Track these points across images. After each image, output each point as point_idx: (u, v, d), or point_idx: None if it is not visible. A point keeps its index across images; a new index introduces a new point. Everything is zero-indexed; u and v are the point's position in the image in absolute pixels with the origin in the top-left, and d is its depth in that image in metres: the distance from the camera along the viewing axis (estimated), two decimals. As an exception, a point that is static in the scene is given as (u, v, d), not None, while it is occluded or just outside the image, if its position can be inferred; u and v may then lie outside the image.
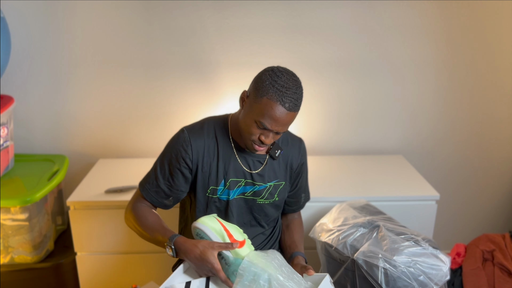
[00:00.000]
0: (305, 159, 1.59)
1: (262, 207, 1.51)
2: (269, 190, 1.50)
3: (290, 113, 1.30)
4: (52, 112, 2.27)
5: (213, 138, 1.44)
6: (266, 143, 1.35)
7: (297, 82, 1.33)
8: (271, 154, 1.48)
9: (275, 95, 1.27)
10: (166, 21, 2.14)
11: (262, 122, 1.30)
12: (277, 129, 1.32)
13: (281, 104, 1.27)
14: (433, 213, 2.01)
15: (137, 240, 1.99)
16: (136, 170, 2.22)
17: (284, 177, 1.52)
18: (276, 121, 1.29)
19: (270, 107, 1.28)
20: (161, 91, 2.26)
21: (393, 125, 2.39)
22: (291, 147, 1.53)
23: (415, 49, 2.25)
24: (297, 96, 1.31)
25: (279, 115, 1.28)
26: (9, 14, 2.06)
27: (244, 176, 1.47)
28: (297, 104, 1.31)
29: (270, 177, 1.49)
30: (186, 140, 1.41)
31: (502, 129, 2.44)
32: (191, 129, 1.45)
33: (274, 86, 1.28)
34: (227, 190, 1.46)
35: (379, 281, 1.53)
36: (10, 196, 1.88)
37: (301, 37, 2.19)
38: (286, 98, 1.28)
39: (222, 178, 1.45)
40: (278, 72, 1.31)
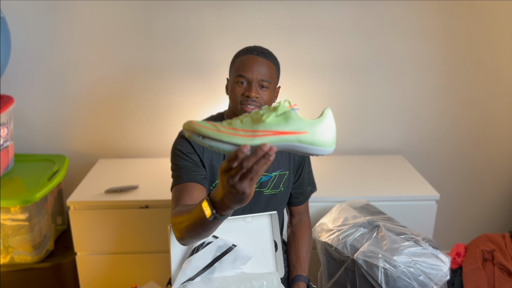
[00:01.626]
0: None
1: (269, 198, 1.51)
2: (274, 180, 1.50)
3: (261, 59, 1.39)
4: (52, 112, 2.27)
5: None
6: (252, 96, 1.37)
7: (266, 49, 1.44)
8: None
9: (243, 51, 1.43)
10: (166, 21, 2.14)
11: (240, 75, 1.39)
12: (255, 76, 1.37)
13: (251, 53, 1.40)
14: (433, 213, 2.01)
15: (137, 240, 1.99)
16: (136, 170, 2.22)
17: (287, 166, 1.52)
18: (250, 68, 1.37)
19: (241, 61, 1.40)
20: (161, 91, 2.26)
21: (393, 125, 2.39)
22: None
23: (415, 49, 2.25)
24: (265, 49, 1.42)
25: (251, 62, 1.38)
26: (9, 14, 2.06)
27: None
28: (266, 52, 1.41)
29: (274, 167, 1.50)
30: (186, 143, 1.41)
31: (502, 129, 2.44)
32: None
33: (243, 49, 1.44)
34: None
35: (379, 281, 1.53)
36: (10, 196, 1.88)
37: (301, 37, 2.19)
38: (254, 49, 1.41)
39: None
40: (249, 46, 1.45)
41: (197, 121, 0.90)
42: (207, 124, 0.89)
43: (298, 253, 1.55)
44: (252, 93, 1.37)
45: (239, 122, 0.89)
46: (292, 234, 1.60)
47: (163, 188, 1.96)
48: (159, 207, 1.93)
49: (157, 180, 2.07)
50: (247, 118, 0.90)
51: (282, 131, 0.88)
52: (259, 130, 0.87)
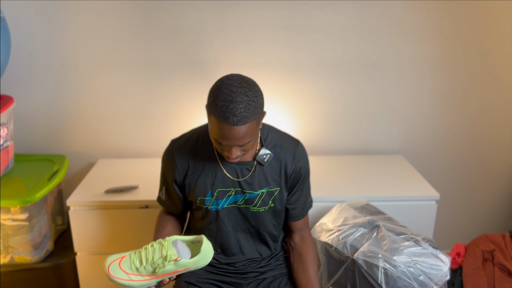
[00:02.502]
0: (304, 163, 1.49)
1: (258, 215, 1.47)
2: (261, 197, 1.45)
3: (237, 128, 1.22)
4: (52, 112, 2.27)
5: (197, 150, 1.45)
6: (231, 157, 1.31)
7: (245, 92, 1.23)
8: (258, 160, 1.42)
9: (218, 112, 1.23)
10: (166, 21, 2.14)
11: (216, 140, 1.29)
12: (234, 143, 1.27)
13: (225, 121, 1.22)
14: (433, 213, 2.01)
15: (137, 240, 1.99)
16: (136, 170, 2.22)
17: (278, 183, 1.46)
18: (227, 138, 1.25)
19: (216, 126, 1.25)
20: (161, 91, 2.26)
21: (393, 125, 2.39)
22: (285, 151, 1.46)
23: (415, 49, 2.25)
24: (243, 107, 1.21)
25: (227, 132, 1.24)
26: (9, 14, 2.06)
27: (233, 185, 1.43)
28: (244, 115, 1.21)
29: (261, 184, 1.44)
30: (171, 154, 1.46)
31: (502, 129, 2.44)
32: (176, 142, 1.49)
33: (216, 102, 1.23)
34: (216, 201, 1.44)
35: (379, 281, 1.53)
36: (10, 196, 1.88)
37: (301, 37, 2.19)
38: (229, 113, 1.21)
39: (209, 189, 1.43)
40: (222, 85, 1.25)
41: (114, 270, 1.31)
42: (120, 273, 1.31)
43: (308, 274, 1.50)
44: (233, 156, 1.31)
45: (143, 269, 1.29)
46: (297, 253, 1.55)
47: (163, 188, 1.96)
48: (159, 207, 1.93)
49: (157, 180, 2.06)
50: (148, 266, 1.29)
51: (175, 271, 1.31)
52: (159, 275, 1.30)
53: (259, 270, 1.54)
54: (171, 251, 1.28)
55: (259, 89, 1.30)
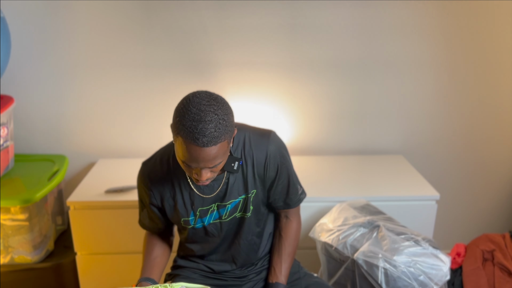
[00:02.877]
0: (277, 156, 1.37)
1: (243, 220, 1.44)
2: (244, 202, 1.40)
3: (207, 149, 1.14)
4: (52, 112, 2.27)
5: (168, 172, 1.37)
6: (201, 180, 1.22)
7: (214, 110, 1.14)
8: (227, 169, 1.33)
9: (186, 133, 1.13)
10: (166, 21, 2.14)
11: (184, 163, 1.19)
12: (204, 165, 1.18)
13: (194, 143, 1.13)
14: (433, 213, 2.01)
15: (138, 240, 1.99)
16: (136, 170, 2.21)
17: (253, 185, 1.38)
18: (196, 160, 1.16)
19: (185, 147, 1.15)
20: (161, 91, 2.26)
21: (393, 125, 2.39)
22: (256, 151, 1.35)
23: (415, 49, 2.25)
24: (213, 127, 1.12)
25: (196, 154, 1.14)
26: (9, 14, 2.06)
27: (212, 201, 1.38)
28: (214, 135, 1.13)
29: (239, 191, 1.38)
30: (145, 181, 1.39)
31: (502, 129, 2.44)
32: (148, 165, 1.41)
33: (184, 123, 1.13)
34: (200, 219, 1.41)
35: (379, 281, 1.53)
36: (10, 196, 1.88)
37: (301, 37, 2.19)
38: (198, 134, 1.12)
39: (191, 209, 1.39)
40: (189, 103, 1.15)
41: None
42: None
43: (281, 255, 1.48)
44: (203, 179, 1.22)
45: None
46: (278, 233, 1.51)
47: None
48: (159, 207, 1.93)
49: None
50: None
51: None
52: None
53: (256, 271, 1.53)
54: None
55: (229, 107, 1.21)
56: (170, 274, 1.58)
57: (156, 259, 1.48)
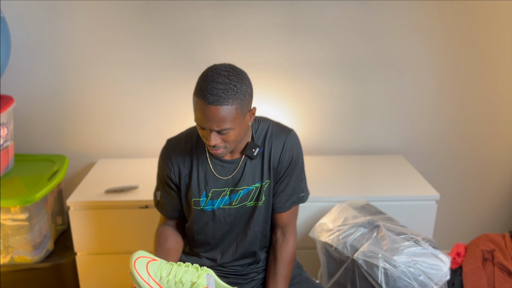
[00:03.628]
0: (292, 153, 1.42)
1: (252, 210, 1.44)
2: (256, 191, 1.42)
3: (213, 107, 1.20)
4: (52, 112, 2.27)
5: (190, 149, 1.43)
6: (209, 144, 1.27)
7: (228, 75, 1.22)
8: (247, 154, 1.39)
9: (198, 91, 1.23)
10: (166, 21, 2.14)
11: (197, 123, 1.27)
12: (210, 127, 1.23)
13: (203, 99, 1.21)
14: (433, 213, 2.01)
15: (137, 240, 1.99)
16: (136, 170, 2.22)
17: (268, 175, 1.42)
18: (204, 118, 1.23)
19: (196, 105, 1.24)
20: (161, 91, 2.26)
21: (393, 125, 2.39)
22: (275, 142, 1.41)
23: (415, 49, 2.25)
24: (221, 88, 1.20)
25: (202, 111, 1.22)
26: (9, 14, 2.06)
27: (226, 184, 1.41)
28: (221, 95, 1.19)
29: (254, 178, 1.41)
30: (167, 155, 1.44)
31: (502, 129, 2.44)
32: (173, 141, 1.47)
33: (200, 82, 1.24)
34: (211, 201, 1.42)
35: (379, 281, 1.53)
36: (10, 196, 1.88)
37: (301, 37, 2.19)
38: (206, 92, 1.20)
39: (203, 190, 1.41)
40: (209, 69, 1.25)
41: (139, 265, 1.25)
42: (143, 272, 1.24)
43: (276, 279, 1.44)
44: (212, 142, 1.26)
45: (166, 282, 1.23)
46: (273, 254, 1.48)
47: (163, 188, 1.96)
48: (159, 207, 1.93)
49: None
50: (172, 281, 1.23)
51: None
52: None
53: (256, 270, 1.53)
54: (202, 281, 1.22)
55: (247, 80, 1.27)
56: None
57: (170, 250, 1.45)
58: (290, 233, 1.49)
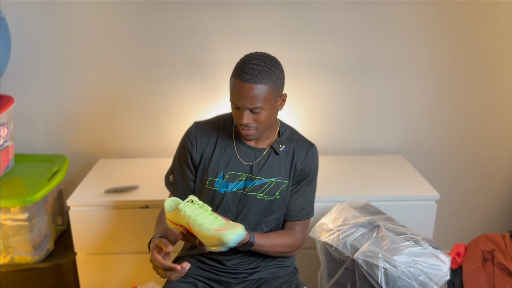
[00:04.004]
0: (313, 165, 1.52)
1: (261, 203, 1.48)
2: (270, 186, 1.47)
3: (248, 85, 1.31)
4: (52, 112, 2.27)
5: (217, 132, 1.50)
6: (242, 122, 1.36)
7: (263, 59, 1.34)
8: (273, 147, 1.48)
9: (235, 72, 1.34)
10: (166, 21, 2.14)
11: (232, 102, 1.37)
12: (244, 104, 1.33)
13: (239, 78, 1.32)
14: (433, 213, 2.01)
15: (137, 240, 1.99)
16: (136, 170, 2.22)
17: (288, 176, 1.49)
18: (238, 95, 1.33)
19: (232, 85, 1.35)
20: (161, 91, 2.26)
21: (393, 125, 2.39)
22: (299, 148, 1.51)
23: (415, 49, 2.25)
24: (256, 68, 1.32)
25: (238, 89, 1.33)
26: (9, 14, 2.06)
27: (245, 170, 1.47)
28: (256, 75, 1.31)
29: (272, 173, 1.47)
30: (193, 133, 1.50)
31: (502, 129, 2.44)
32: (200, 123, 1.53)
33: (237, 66, 1.35)
34: (226, 183, 1.46)
35: (379, 281, 1.53)
36: (10, 196, 1.88)
37: (301, 37, 2.19)
38: (243, 71, 1.32)
39: (222, 170, 1.46)
40: (247, 55, 1.37)
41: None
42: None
43: (266, 233, 1.50)
44: (244, 120, 1.36)
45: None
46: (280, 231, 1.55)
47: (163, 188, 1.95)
48: (159, 207, 1.93)
49: (157, 180, 2.07)
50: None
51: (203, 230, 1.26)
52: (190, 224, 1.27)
53: (248, 271, 1.53)
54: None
55: (280, 65, 1.38)
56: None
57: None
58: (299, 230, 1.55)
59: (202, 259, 1.54)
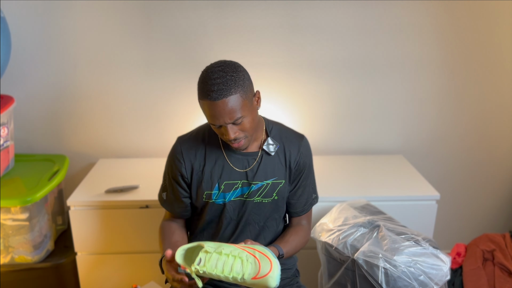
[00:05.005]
0: (307, 157, 1.51)
1: (260, 206, 1.47)
2: (266, 188, 1.46)
3: (219, 102, 1.26)
4: (52, 112, 2.27)
5: (203, 144, 1.46)
6: (229, 138, 1.33)
7: (222, 69, 1.28)
8: (264, 149, 1.45)
9: (201, 94, 1.29)
10: (166, 21, 2.14)
11: (211, 123, 1.33)
12: (224, 121, 1.29)
13: (208, 99, 1.27)
14: (433, 213, 2.01)
15: (137, 240, 1.99)
16: (136, 170, 2.22)
17: (284, 175, 1.48)
18: (215, 116, 1.28)
19: (204, 107, 1.30)
20: (161, 91, 2.26)
21: (393, 125, 2.39)
22: (290, 144, 1.48)
23: (415, 49, 2.25)
24: (220, 82, 1.25)
25: (212, 109, 1.28)
26: (9, 14, 2.06)
27: (240, 177, 1.45)
28: (222, 89, 1.25)
29: (266, 175, 1.45)
30: (178, 150, 1.46)
31: (502, 129, 2.44)
32: (183, 138, 1.50)
33: (200, 86, 1.30)
34: (223, 194, 1.45)
35: (379, 281, 1.53)
36: (10, 196, 1.88)
37: (301, 37, 2.19)
38: (208, 91, 1.26)
39: (216, 182, 1.44)
40: (204, 71, 1.32)
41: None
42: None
43: (285, 237, 1.50)
44: (230, 136, 1.32)
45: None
46: (287, 229, 1.56)
47: (163, 188, 1.96)
48: (159, 207, 1.92)
49: (157, 180, 2.06)
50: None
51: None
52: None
53: None
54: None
55: (240, 67, 1.33)
56: None
57: (177, 243, 1.46)
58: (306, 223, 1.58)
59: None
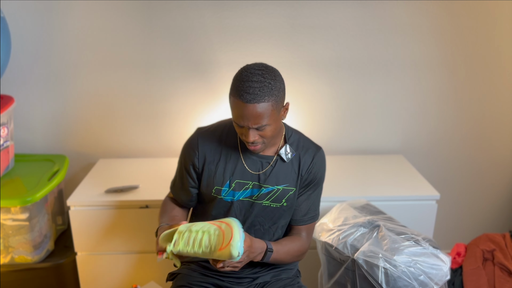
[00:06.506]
0: (320, 169, 1.51)
1: (268, 210, 1.47)
2: (276, 193, 1.46)
3: (250, 106, 1.26)
4: (52, 112, 2.27)
5: (221, 140, 1.47)
6: (248, 140, 1.33)
7: (262, 73, 1.28)
8: (280, 154, 1.45)
9: (235, 91, 1.29)
10: (166, 21, 2.14)
11: (235, 122, 1.33)
12: (248, 124, 1.29)
13: (240, 99, 1.27)
14: (433, 212, 2.01)
15: (137, 240, 1.99)
16: (136, 170, 2.22)
17: (295, 183, 1.47)
18: (242, 116, 1.29)
19: (233, 104, 1.30)
20: (161, 91, 2.26)
21: (393, 125, 2.39)
22: (306, 153, 1.48)
23: (415, 49, 2.25)
24: (257, 86, 1.26)
25: (241, 110, 1.28)
26: (9, 14, 2.06)
27: (252, 178, 1.45)
28: (257, 93, 1.26)
29: (278, 180, 1.45)
30: (195, 141, 1.48)
31: (502, 129, 2.44)
32: (202, 130, 1.51)
33: (234, 83, 1.30)
34: (232, 192, 1.45)
35: (379, 281, 1.53)
36: (10, 196, 1.88)
37: (301, 37, 2.19)
38: (243, 91, 1.26)
39: (228, 179, 1.45)
40: (242, 69, 1.32)
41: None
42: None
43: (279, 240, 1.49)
44: (250, 139, 1.33)
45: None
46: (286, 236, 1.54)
47: (163, 188, 1.95)
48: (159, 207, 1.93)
49: (157, 180, 2.07)
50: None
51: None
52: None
53: (252, 276, 1.53)
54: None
55: (279, 76, 1.33)
56: (172, 273, 1.58)
57: (176, 217, 1.48)
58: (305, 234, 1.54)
59: (206, 265, 1.53)
